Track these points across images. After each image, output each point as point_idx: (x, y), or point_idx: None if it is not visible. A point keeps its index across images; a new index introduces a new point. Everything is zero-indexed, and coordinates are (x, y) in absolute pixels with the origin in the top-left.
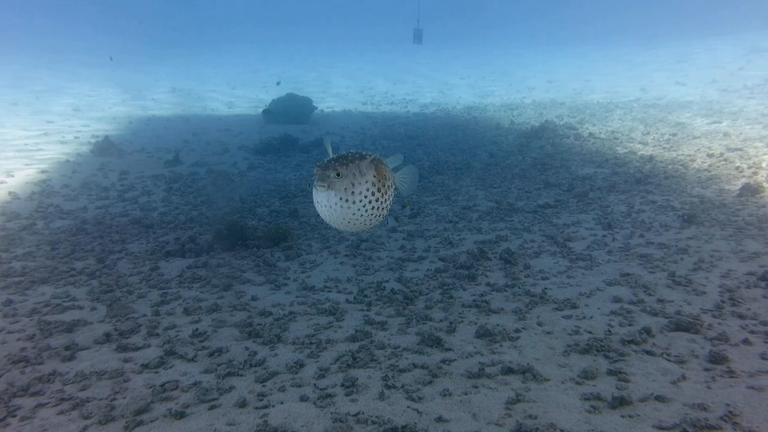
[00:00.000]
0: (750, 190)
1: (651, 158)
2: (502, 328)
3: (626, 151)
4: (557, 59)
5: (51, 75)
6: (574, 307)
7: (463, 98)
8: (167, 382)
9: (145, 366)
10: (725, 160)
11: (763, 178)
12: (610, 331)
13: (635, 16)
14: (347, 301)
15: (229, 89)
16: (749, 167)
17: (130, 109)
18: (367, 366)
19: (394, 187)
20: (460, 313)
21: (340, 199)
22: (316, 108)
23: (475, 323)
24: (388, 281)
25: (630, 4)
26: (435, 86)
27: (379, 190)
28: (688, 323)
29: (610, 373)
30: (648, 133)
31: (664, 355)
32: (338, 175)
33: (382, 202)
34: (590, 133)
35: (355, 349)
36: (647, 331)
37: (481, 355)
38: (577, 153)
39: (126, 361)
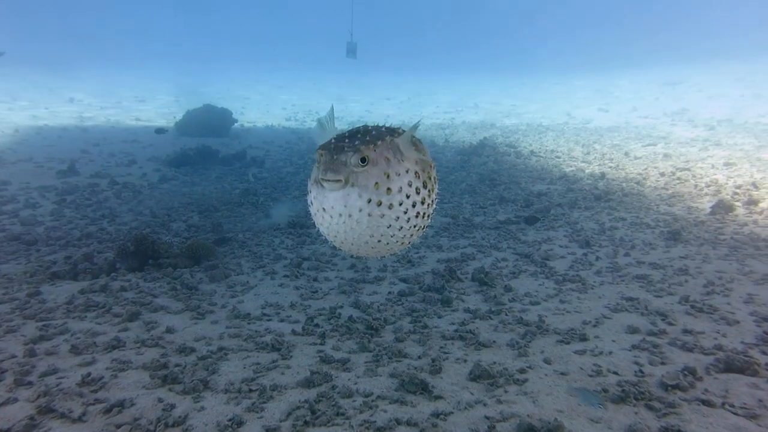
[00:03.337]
0: (723, 208)
1: (603, 176)
2: (502, 367)
3: (573, 169)
4: (482, 85)
5: None
6: (583, 339)
7: (392, 117)
8: None
9: None
10: (678, 179)
11: (729, 197)
12: (641, 371)
13: (554, 49)
14: (294, 332)
15: (137, 102)
16: (707, 185)
17: (18, 117)
18: (333, 423)
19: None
20: (441, 347)
21: (369, 201)
22: (236, 122)
23: (465, 360)
24: (342, 307)
25: (550, 39)
26: (361, 105)
27: (425, 185)
28: (741, 363)
29: None
30: (588, 153)
31: (727, 406)
32: (363, 161)
33: (429, 205)
34: (531, 152)
35: (313, 398)
36: (691, 372)
37: (484, 405)
38: (523, 170)
39: None
